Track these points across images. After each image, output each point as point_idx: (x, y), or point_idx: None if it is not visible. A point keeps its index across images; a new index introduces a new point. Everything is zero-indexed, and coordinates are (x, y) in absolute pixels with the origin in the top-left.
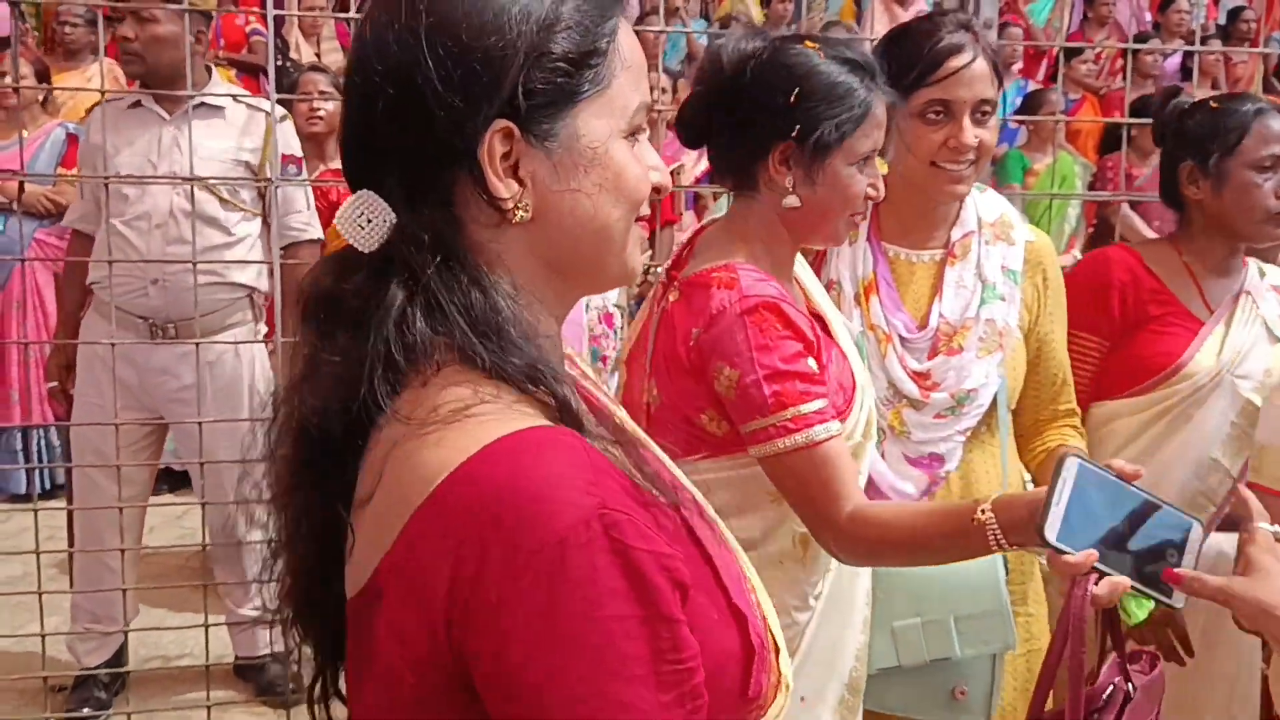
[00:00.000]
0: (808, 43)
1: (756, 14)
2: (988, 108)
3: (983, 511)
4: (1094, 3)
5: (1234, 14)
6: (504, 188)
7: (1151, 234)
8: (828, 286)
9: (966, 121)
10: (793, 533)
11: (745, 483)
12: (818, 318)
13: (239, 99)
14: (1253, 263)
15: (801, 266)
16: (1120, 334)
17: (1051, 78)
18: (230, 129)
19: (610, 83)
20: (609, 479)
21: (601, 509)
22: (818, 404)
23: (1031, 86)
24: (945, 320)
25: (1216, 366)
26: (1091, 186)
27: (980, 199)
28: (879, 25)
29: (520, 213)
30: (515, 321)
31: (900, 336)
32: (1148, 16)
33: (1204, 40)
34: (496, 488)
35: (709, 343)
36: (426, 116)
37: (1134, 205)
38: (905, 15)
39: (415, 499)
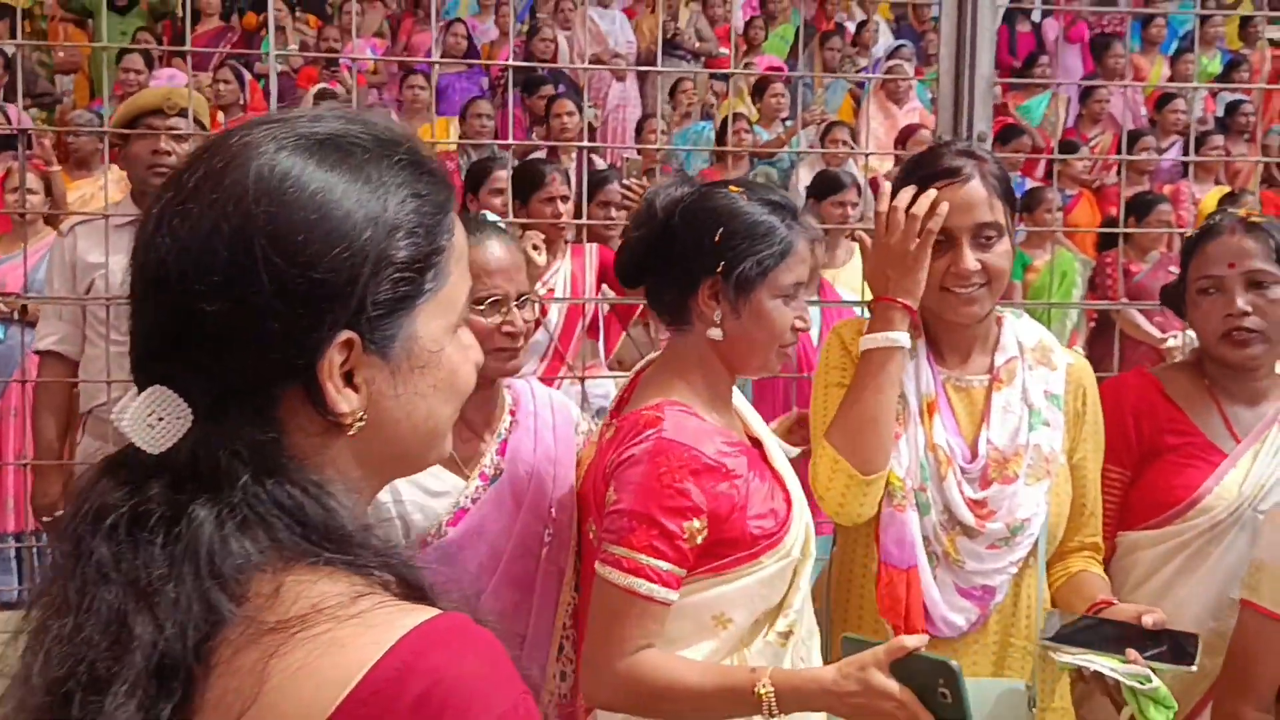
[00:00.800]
0: (732, 188)
1: (754, 112)
2: (990, 232)
3: (763, 686)
4: (1088, 99)
5: (1232, 108)
6: (344, 401)
7: (1153, 329)
8: None
9: (965, 248)
10: (743, 655)
11: (694, 610)
12: (756, 443)
13: None
14: None
15: (739, 396)
16: (1138, 463)
17: (1049, 174)
18: None
19: (446, 280)
20: (508, 659)
21: (522, 693)
22: (661, 564)
23: (1030, 184)
24: (994, 447)
25: (1237, 501)
26: (1091, 281)
27: (1018, 325)
28: (875, 124)
29: (357, 424)
30: (352, 518)
31: (960, 466)
32: (1143, 111)
33: (1201, 135)
34: (433, 681)
35: (614, 471)
36: (258, 329)
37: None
38: (901, 115)
39: (325, 704)
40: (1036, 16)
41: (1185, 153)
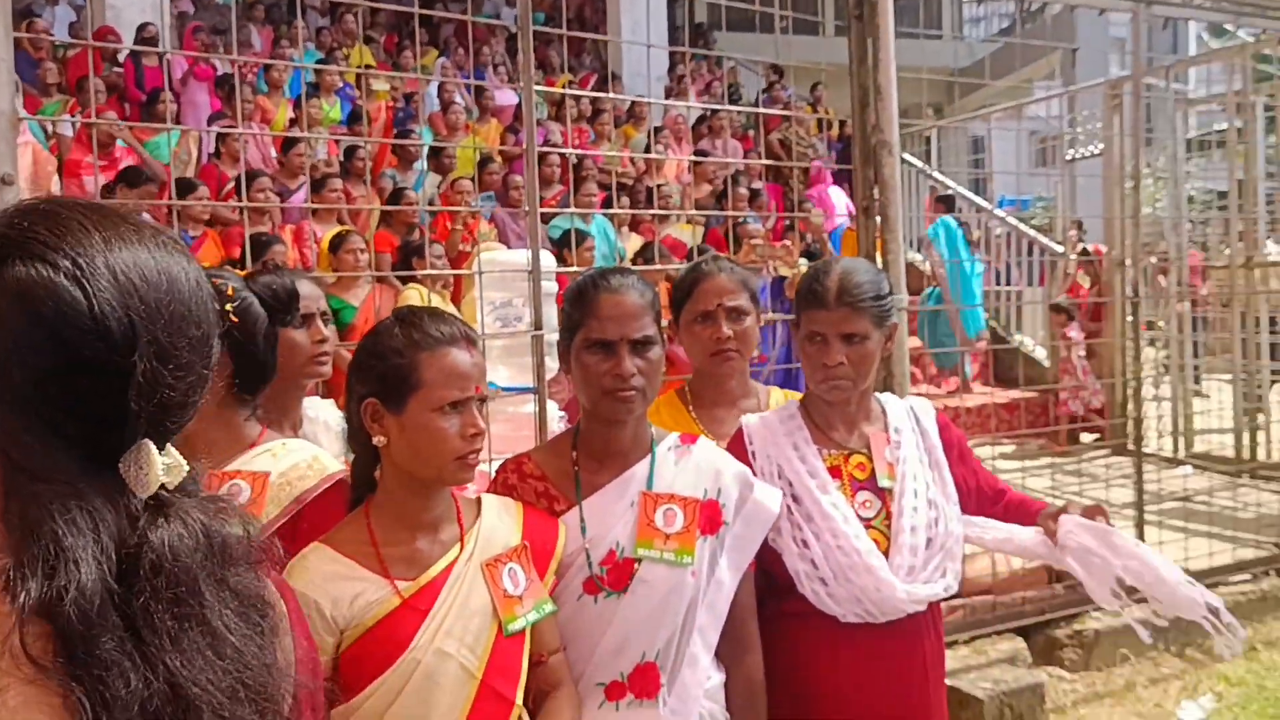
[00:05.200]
0: None
1: None
2: None
3: None
4: (224, 139)
5: (350, 152)
6: None
7: None
8: None
9: None
10: None
11: None
12: None
13: None
14: None
15: None
16: None
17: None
18: None
19: None
20: None
21: None
22: None
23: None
24: None
25: None
26: None
27: None
28: None
29: None
30: None
31: None
32: (273, 152)
33: (324, 177)
34: None
35: None
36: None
37: None
38: None
39: None
40: (160, 60)
41: (310, 194)
